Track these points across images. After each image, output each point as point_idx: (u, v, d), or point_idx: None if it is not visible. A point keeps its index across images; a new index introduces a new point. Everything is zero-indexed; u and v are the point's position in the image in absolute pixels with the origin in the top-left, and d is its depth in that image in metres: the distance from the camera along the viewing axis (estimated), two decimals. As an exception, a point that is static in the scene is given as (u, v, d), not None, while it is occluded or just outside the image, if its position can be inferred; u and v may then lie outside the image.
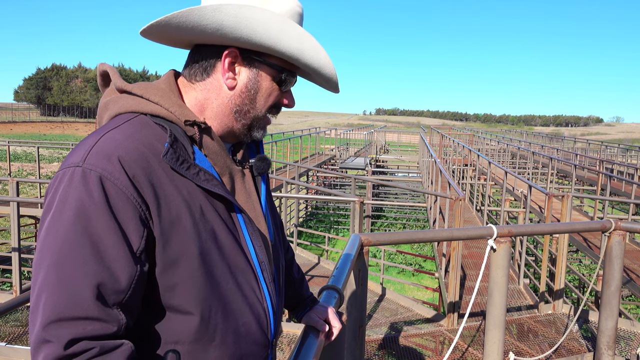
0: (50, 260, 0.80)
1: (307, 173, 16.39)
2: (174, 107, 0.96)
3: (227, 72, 1.00)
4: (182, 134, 0.94)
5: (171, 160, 0.89)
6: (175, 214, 0.88)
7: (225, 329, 0.94)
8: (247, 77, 1.01)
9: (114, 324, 0.82)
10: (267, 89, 1.03)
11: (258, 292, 1.02)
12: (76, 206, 0.80)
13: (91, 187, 0.81)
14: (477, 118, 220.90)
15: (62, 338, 0.77)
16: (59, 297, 0.78)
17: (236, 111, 1.02)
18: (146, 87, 0.98)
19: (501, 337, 2.87)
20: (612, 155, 27.09)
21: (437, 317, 5.16)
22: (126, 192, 0.83)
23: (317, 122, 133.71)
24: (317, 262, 7.38)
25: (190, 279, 0.89)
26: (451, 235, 3.20)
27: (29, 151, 27.25)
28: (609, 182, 9.93)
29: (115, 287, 0.82)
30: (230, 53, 0.99)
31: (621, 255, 3.29)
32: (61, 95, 77.52)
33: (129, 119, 0.92)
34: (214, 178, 0.95)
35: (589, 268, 11.03)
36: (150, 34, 0.99)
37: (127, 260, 0.82)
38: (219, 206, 0.97)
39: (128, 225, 0.83)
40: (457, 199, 5.18)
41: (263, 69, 1.01)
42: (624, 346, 4.24)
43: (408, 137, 42.43)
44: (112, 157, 0.83)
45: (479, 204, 12.28)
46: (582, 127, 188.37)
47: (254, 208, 1.07)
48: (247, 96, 1.02)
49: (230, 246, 0.96)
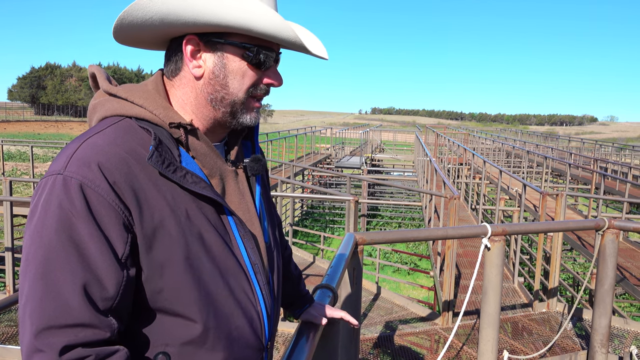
0: (35, 269, 0.79)
1: (303, 172, 16.39)
2: (159, 110, 0.94)
3: (192, 62, 0.97)
4: (167, 137, 0.93)
5: (156, 164, 0.87)
6: (159, 219, 0.87)
7: (216, 333, 0.93)
8: (213, 62, 0.96)
9: (107, 329, 0.81)
10: (239, 70, 0.97)
11: (251, 295, 1.00)
12: (59, 214, 0.80)
13: (72, 194, 0.81)
14: (472, 117, 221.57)
15: (55, 346, 0.76)
16: (48, 306, 0.77)
17: (211, 100, 0.98)
18: (131, 90, 0.97)
19: (495, 335, 2.88)
20: (607, 154, 27.23)
21: (432, 315, 5.17)
22: (107, 198, 0.82)
23: (313, 121, 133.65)
24: (313, 261, 7.38)
25: (177, 284, 0.88)
26: (446, 234, 3.20)
27: (23, 150, 27.08)
28: (603, 180, 9.98)
29: (103, 294, 0.81)
30: (189, 41, 0.96)
31: (614, 254, 3.30)
32: (55, 94, 77.07)
33: (113, 123, 0.91)
34: (201, 180, 0.93)
35: (583, 266, 11.08)
36: (125, 41, 1.00)
37: (113, 267, 0.82)
38: (207, 209, 0.95)
39: (111, 232, 0.82)
40: (452, 198, 5.19)
41: (227, 50, 0.96)
42: (617, 344, 4.26)
43: (403, 136, 42.49)
44: (92, 164, 0.83)
45: (474, 203, 12.31)
46: (576, 126, 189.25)
47: (247, 209, 1.05)
48: (217, 82, 0.97)
49: (219, 249, 0.94)
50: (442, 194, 6.18)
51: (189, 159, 0.95)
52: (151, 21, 0.93)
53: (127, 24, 0.94)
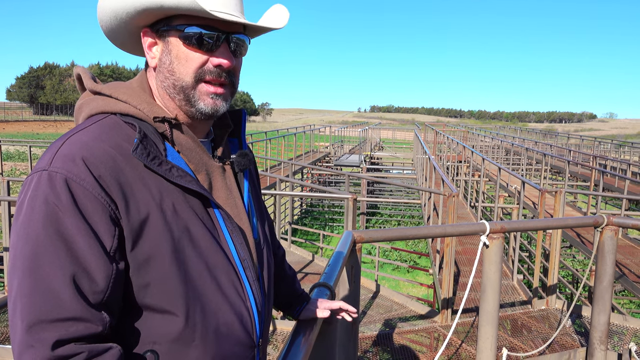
0: (24, 265, 0.78)
1: (302, 170, 16.38)
2: (143, 105, 0.95)
3: (148, 53, 0.99)
4: (152, 132, 0.93)
5: (141, 156, 0.87)
6: (145, 212, 0.87)
7: (204, 329, 0.92)
8: (161, 50, 0.98)
9: (99, 323, 0.80)
10: (182, 54, 0.96)
11: (240, 291, 0.99)
12: (45, 209, 0.80)
13: (58, 189, 0.81)
14: (471, 115, 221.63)
15: (47, 341, 0.75)
16: (38, 301, 0.77)
17: (165, 87, 0.99)
18: (115, 87, 0.98)
19: (494, 332, 2.87)
20: (606, 151, 27.21)
21: (431, 313, 5.17)
22: (93, 192, 0.82)
23: (312, 119, 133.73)
24: (312, 260, 7.37)
25: (163, 278, 0.88)
26: (444, 231, 3.20)
27: (22, 150, 27.03)
28: (602, 177, 9.98)
29: (93, 287, 0.81)
30: (144, 33, 0.99)
31: (613, 251, 3.30)
32: (54, 94, 76.99)
33: (98, 120, 0.92)
34: (187, 174, 0.93)
35: (582, 263, 11.09)
36: (121, 46, 1.07)
37: (102, 260, 0.82)
38: (195, 203, 0.94)
39: (99, 225, 0.82)
40: (451, 195, 5.18)
41: (171, 35, 0.96)
42: (616, 341, 4.26)
43: (402, 134, 42.52)
44: (76, 158, 0.83)
45: (473, 201, 12.30)
46: (575, 123, 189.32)
47: (235, 205, 1.04)
48: (165, 68, 0.97)
49: (206, 244, 0.94)
50: (441, 191, 6.18)
51: (174, 154, 0.95)
52: (110, 22, 1.00)
53: (106, 30, 1.01)
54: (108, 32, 1.02)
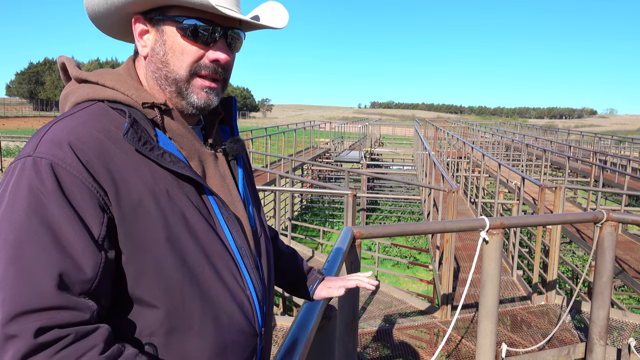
0: (7, 254, 0.75)
1: (302, 166, 16.37)
2: (131, 91, 0.93)
3: (139, 41, 0.97)
4: (142, 118, 0.91)
5: (132, 140, 0.85)
6: (137, 198, 0.84)
7: (203, 318, 0.90)
8: (154, 39, 0.95)
9: (86, 310, 0.77)
10: (178, 46, 0.93)
11: (240, 280, 0.97)
12: (29, 195, 0.77)
13: (43, 175, 0.78)
14: (471, 110, 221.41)
15: (29, 329, 0.71)
16: (20, 291, 0.73)
17: (156, 78, 0.96)
18: (102, 74, 0.96)
19: (494, 328, 2.88)
20: (606, 147, 27.20)
21: (431, 309, 5.18)
22: (80, 177, 0.79)
23: (312, 115, 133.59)
24: (312, 256, 7.37)
25: (159, 266, 0.85)
26: (444, 227, 3.20)
27: (22, 146, 27.04)
28: (602, 173, 9.97)
29: (81, 277, 0.77)
30: (136, 20, 0.96)
31: (613, 246, 3.30)
32: (54, 89, 76.81)
33: (85, 107, 0.90)
34: (180, 160, 0.91)
35: (582, 259, 11.09)
36: (107, 30, 1.04)
37: (89, 248, 0.78)
38: (189, 189, 0.92)
39: (86, 212, 0.79)
40: (450, 191, 5.18)
41: (167, 25, 0.93)
42: (616, 336, 4.26)
43: (403, 130, 42.42)
44: (62, 143, 0.80)
45: (473, 196, 12.30)
46: (576, 119, 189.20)
47: (229, 192, 1.02)
48: (158, 59, 0.95)
49: (203, 231, 0.91)
50: (441, 187, 6.18)
51: (166, 140, 0.93)
52: (98, 11, 0.98)
53: (91, 11, 0.99)
54: (94, 16, 0.99)
